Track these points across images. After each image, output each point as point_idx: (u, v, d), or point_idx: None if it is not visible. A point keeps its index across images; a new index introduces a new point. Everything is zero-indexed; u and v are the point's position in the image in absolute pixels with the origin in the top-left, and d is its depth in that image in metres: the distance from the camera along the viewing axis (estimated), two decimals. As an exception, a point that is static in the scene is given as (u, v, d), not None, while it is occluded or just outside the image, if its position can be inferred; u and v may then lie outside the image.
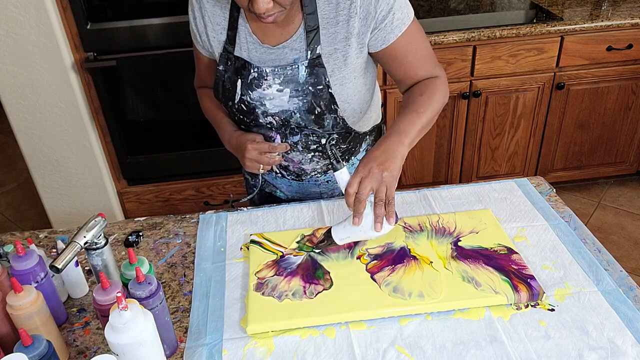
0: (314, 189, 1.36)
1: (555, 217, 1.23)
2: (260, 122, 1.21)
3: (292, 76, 1.14)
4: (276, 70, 1.14)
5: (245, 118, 1.21)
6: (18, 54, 2.04)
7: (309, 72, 1.13)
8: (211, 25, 1.17)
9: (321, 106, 1.15)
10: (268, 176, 1.39)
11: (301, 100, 1.15)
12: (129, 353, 0.82)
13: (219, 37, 1.18)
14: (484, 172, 2.63)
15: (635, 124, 2.57)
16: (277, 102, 1.16)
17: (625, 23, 2.27)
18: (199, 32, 1.21)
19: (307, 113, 1.16)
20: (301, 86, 1.14)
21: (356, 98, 1.18)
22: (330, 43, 1.12)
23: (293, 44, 1.14)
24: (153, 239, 1.23)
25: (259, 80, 1.16)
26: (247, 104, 1.18)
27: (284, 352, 0.94)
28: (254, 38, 1.15)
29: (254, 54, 1.16)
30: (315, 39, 1.12)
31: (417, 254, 1.11)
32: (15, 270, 0.95)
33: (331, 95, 1.14)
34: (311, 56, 1.12)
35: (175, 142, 2.42)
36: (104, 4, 2.07)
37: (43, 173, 2.34)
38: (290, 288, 1.04)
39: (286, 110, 1.16)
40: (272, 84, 1.15)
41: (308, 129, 1.20)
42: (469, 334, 0.96)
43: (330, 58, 1.13)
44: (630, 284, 1.05)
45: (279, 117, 1.18)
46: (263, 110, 1.18)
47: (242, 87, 1.17)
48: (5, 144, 3.58)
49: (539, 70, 2.35)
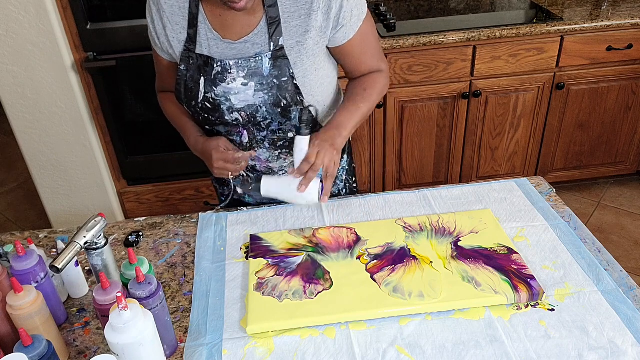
0: None
1: (555, 217, 1.23)
2: (226, 120, 1.20)
3: (256, 69, 1.14)
4: (240, 63, 1.14)
5: (210, 116, 1.20)
6: (18, 53, 2.04)
7: (273, 64, 1.13)
8: (170, 25, 1.16)
9: (287, 98, 1.15)
10: (235, 181, 1.37)
11: (266, 94, 1.15)
12: (129, 353, 0.82)
13: (179, 37, 1.17)
14: (484, 172, 2.63)
15: (635, 124, 2.57)
16: (242, 97, 1.16)
17: (625, 23, 2.27)
18: (158, 35, 1.20)
19: (273, 106, 1.16)
20: (265, 79, 1.14)
21: (319, 90, 1.21)
22: (292, 36, 1.13)
23: (255, 38, 1.14)
24: (153, 239, 1.23)
25: (223, 75, 1.15)
26: (212, 101, 1.17)
27: (284, 352, 0.94)
28: (215, 34, 1.15)
29: (216, 50, 1.16)
30: (278, 31, 1.12)
31: (417, 254, 1.11)
32: (15, 270, 0.95)
33: (296, 86, 1.15)
34: (274, 48, 1.13)
35: (176, 142, 2.40)
36: (104, 4, 2.07)
37: (43, 173, 2.34)
38: (290, 288, 1.04)
39: (252, 104, 1.16)
40: (237, 77, 1.15)
41: (275, 123, 1.20)
42: (469, 334, 0.96)
43: (293, 50, 1.14)
44: (630, 284, 1.05)
45: (245, 112, 1.17)
46: (229, 106, 1.17)
47: (205, 85, 1.16)
48: (5, 144, 3.58)
49: (539, 70, 2.35)
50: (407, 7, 2.54)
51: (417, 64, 2.26)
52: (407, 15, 2.46)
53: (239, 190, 1.36)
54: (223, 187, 1.41)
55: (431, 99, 2.36)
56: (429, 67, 2.27)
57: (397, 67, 2.25)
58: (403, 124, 2.41)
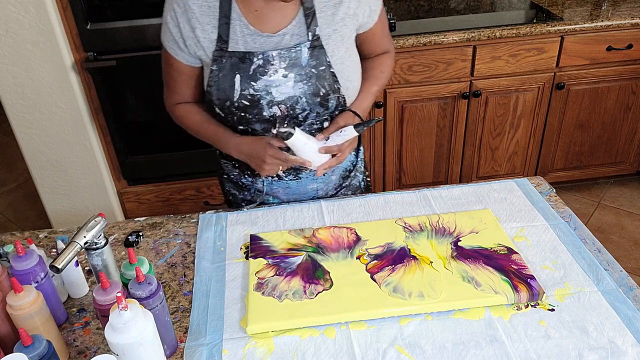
0: (311, 185, 1.35)
1: (555, 217, 1.23)
2: (264, 115, 1.19)
3: (295, 59, 1.15)
4: (282, 54, 1.15)
5: (247, 114, 1.19)
6: (18, 53, 2.04)
7: (311, 54, 1.15)
8: (200, 26, 1.15)
9: (325, 87, 1.17)
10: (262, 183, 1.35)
11: (306, 84, 1.16)
12: (129, 353, 0.82)
13: (210, 37, 1.16)
14: (484, 172, 2.63)
15: (635, 124, 2.57)
16: (283, 89, 1.16)
17: (625, 23, 2.27)
18: (185, 38, 1.17)
19: (313, 96, 1.17)
20: (304, 69, 1.16)
21: (355, 76, 1.24)
22: (329, 24, 1.16)
23: (293, 29, 1.15)
24: (153, 239, 1.23)
25: (264, 67, 1.15)
26: (250, 97, 1.17)
27: (284, 352, 0.94)
28: (251, 29, 1.15)
29: (253, 45, 1.16)
30: (314, 21, 1.15)
31: (417, 254, 1.11)
32: (15, 270, 0.95)
33: (333, 74, 1.17)
34: (312, 37, 1.15)
35: (175, 142, 2.42)
36: (104, 4, 2.07)
37: (43, 173, 2.34)
38: (290, 288, 1.04)
39: (292, 96, 1.17)
40: (279, 69, 1.15)
41: (313, 113, 1.21)
42: (469, 334, 0.96)
43: (330, 39, 1.17)
44: (630, 284, 1.05)
45: (285, 104, 1.18)
46: (269, 100, 1.17)
47: (241, 82, 1.16)
48: (5, 144, 3.58)
49: (539, 70, 2.35)
50: (407, 7, 2.54)
51: (417, 64, 2.26)
52: (407, 15, 2.46)
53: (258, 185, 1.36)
54: (244, 192, 1.39)
55: (431, 99, 2.36)
56: (429, 67, 2.27)
57: (397, 67, 2.25)
58: (403, 124, 2.41)
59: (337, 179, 1.38)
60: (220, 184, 1.46)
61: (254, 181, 1.35)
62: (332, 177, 1.37)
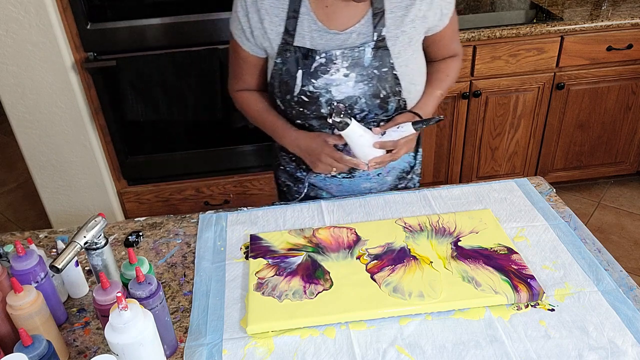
0: (364, 184, 1.35)
1: (555, 217, 1.23)
2: (322, 113, 1.20)
3: (358, 59, 1.15)
4: (345, 53, 1.15)
5: (305, 110, 1.20)
6: (18, 53, 2.04)
7: (374, 54, 1.15)
8: (269, 17, 1.16)
9: (386, 89, 1.17)
10: (316, 178, 1.37)
11: (366, 85, 1.16)
12: (129, 353, 0.82)
13: (277, 29, 1.17)
14: (484, 172, 2.63)
15: (635, 124, 2.57)
16: (343, 89, 1.17)
17: (625, 23, 2.27)
18: (252, 28, 1.18)
19: (373, 97, 1.17)
20: (366, 70, 1.15)
21: (420, 79, 1.23)
22: (398, 26, 1.15)
23: (361, 28, 1.15)
24: (153, 239, 1.23)
25: (326, 66, 1.16)
26: (310, 94, 1.18)
27: (284, 352, 0.94)
28: (319, 25, 1.16)
29: (319, 42, 1.17)
30: (381, 22, 1.14)
31: (417, 254, 1.11)
32: (15, 270, 0.95)
33: (395, 77, 1.17)
34: (377, 38, 1.15)
35: (175, 142, 2.42)
36: (104, 4, 2.07)
37: (43, 173, 2.34)
38: (290, 288, 1.04)
39: (351, 96, 1.17)
40: (340, 68, 1.16)
41: (371, 114, 1.20)
42: (469, 334, 0.96)
43: (397, 40, 1.16)
44: (630, 284, 1.05)
45: (343, 103, 1.18)
46: (328, 98, 1.17)
47: (303, 78, 1.17)
48: (5, 144, 3.58)
49: (539, 70, 2.35)
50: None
51: (417, 64, 2.26)
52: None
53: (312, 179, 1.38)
54: (298, 185, 1.41)
55: (431, 99, 2.36)
56: (429, 67, 2.27)
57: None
58: (403, 124, 2.41)
59: (393, 180, 1.38)
60: (275, 175, 1.48)
61: (308, 175, 1.37)
62: (388, 177, 1.37)
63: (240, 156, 2.47)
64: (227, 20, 2.09)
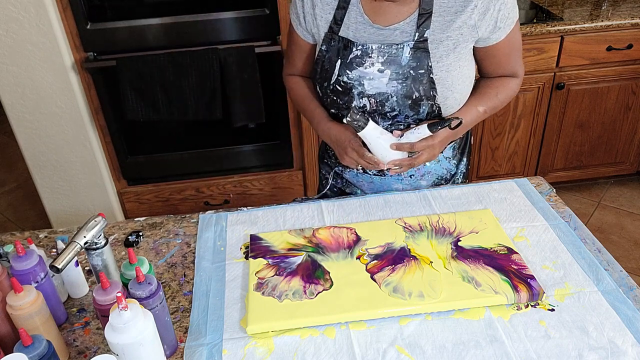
0: (395, 184, 1.35)
1: (555, 217, 1.23)
2: (353, 105, 1.21)
3: (395, 56, 1.15)
4: (382, 48, 1.16)
5: (339, 99, 1.22)
6: (18, 54, 2.04)
7: (412, 54, 1.15)
8: (320, 4, 1.19)
9: (420, 91, 1.16)
10: (349, 173, 1.39)
11: (400, 84, 1.16)
12: (129, 353, 0.82)
13: (327, 17, 1.20)
14: (484, 172, 2.63)
15: (635, 124, 2.57)
16: (375, 84, 1.17)
17: (625, 23, 2.27)
18: (305, 13, 1.22)
19: (405, 98, 1.17)
20: (402, 69, 1.15)
21: (460, 87, 1.20)
22: (444, 30, 1.14)
23: (405, 26, 1.15)
24: (153, 239, 1.23)
25: (361, 58, 1.17)
26: (344, 84, 1.19)
27: (284, 352, 0.94)
28: (365, 18, 1.17)
29: (362, 34, 1.18)
30: (426, 23, 1.14)
31: (417, 254, 1.11)
32: (15, 270, 0.95)
33: (431, 80, 1.16)
34: (418, 38, 1.14)
35: (175, 142, 2.42)
36: (104, 4, 2.07)
37: (43, 173, 2.34)
38: (290, 288, 1.04)
39: (383, 92, 1.17)
40: (375, 62, 1.16)
41: (402, 115, 1.20)
42: (469, 334, 0.96)
43: (441, 45, 1.15)
44: (630, 284, 1.05)
45: (374, 99, 1.19)
46: (360, 90, 1.18)
47: (340, 67, 1.19)
48: (5, 144, 3.58)
49: (539, 70, 2.35)
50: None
51: (417, 64, 2.25)
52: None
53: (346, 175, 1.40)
54: (336, 179, 1.43)
55: (431, 99, 2.36)
56: (429, 67, 2.27)
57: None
58: (403, 124, 2.41)
59: (427, 185, 1.37)
60: (319, 167, 1.51)
61: (343, 170, 1.39)
62: (422, 181, 1.36)
63: (240, 156, 2.47)
64: (227, 20, 2.11)
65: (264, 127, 2.37)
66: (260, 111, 2.23)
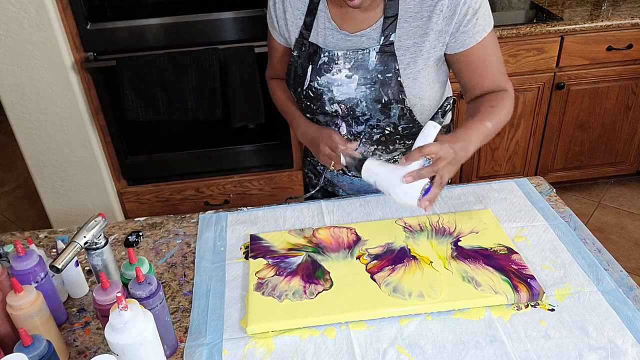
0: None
1: (555, 217, 1.23)
2: (326, 110, 1.22)
3: (362, 61, 1.15)
4: (347, 54, 1.16)
5: (312, 105, 1.23)
6: (18, 54, 2.04)
7: (379, 58, 1.14)
8: (291, 9, 1.20)
9: (388, 95, 1.16)
10: (330, 173, 1.41)
11: (369, 89, 1.16)
12: (129, 353, 0.82)
13: (297, 22, 1.20)
14: (484, 172, 2.63)
15: (635, 124, 2.57)
16: (344, 89, 1.17)
17: (625, 23, 2.27)
18: (277, 17, 1.23)
19: (374, 102, 1.17)
20: (370, 73, 1.15)
21: (428, 94, 1.18)
22: (410, 37, 1.14)
23: (371, 32, 1.15)
24: (153, 239, 1.23)
25: (329, 65, 1.17)
26: (315, 90, 1.20)
27: (284, 352, 0.94)
28: (332, 24, 1.17)
29: (330, 40, 1.18)
30: (391, 27, 1.13)
31: (417, 254, 1.11)
32: (15, 270, 0.95)
33: (399, 84, 1.15)
34: (383, 42, 1.13)
35: (175, 142, 2.42)
36: (104, 4, 2.07)
37: (43, 173, 2.34)
38: (290, 288, 1.04)
39: (353, 98, 1.18)
40: (342, 69, 1.16)
41: (373, 119, 1.20)
42: (469, 334, 0.96)
43: (407, 51, 1.14)
44: (630, 284, 1.05)
45: (345, 105, 1.19)
46: (330, 97, 1.19)
47: (311, 73, 1.19)
48: (5, 144, 3.58)
49: (539, 70, 2.35)
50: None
51: (417, 64, 2.25)
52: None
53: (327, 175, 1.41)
54: (318, 178, 1.45)
55: (431, 99, 2.36)
56: (429, 67, 2.27)
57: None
58: (403, 124, 2.41)
59: None
60: (303, 165, 1.53)
61: (324, 170, 1.41)
62: None
63: (240, 156, 2.47)
64: (227, 21, 2.11)
65: (264, 127, 2.37)
66: (260, 111, 2.23)
